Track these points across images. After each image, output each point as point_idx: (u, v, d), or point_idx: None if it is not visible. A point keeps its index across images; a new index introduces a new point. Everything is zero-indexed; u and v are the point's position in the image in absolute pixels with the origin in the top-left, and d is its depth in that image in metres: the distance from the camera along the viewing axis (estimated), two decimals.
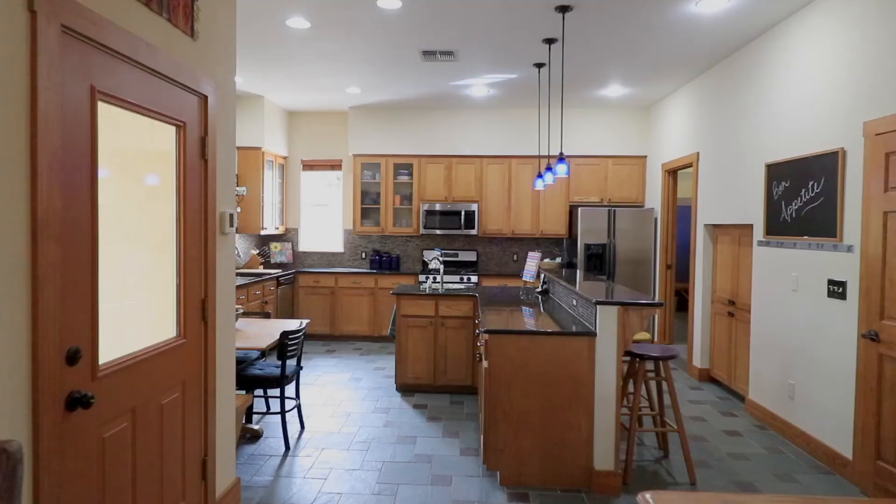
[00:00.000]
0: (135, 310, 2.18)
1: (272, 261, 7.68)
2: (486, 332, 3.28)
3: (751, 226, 4.68)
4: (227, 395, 2.89)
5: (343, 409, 4.61)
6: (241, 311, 4.08)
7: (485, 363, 3.33)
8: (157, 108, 2.21)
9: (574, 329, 3.32)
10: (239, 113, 6.89)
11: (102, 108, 1.90)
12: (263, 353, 4.45)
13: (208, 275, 2.63)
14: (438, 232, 7.27)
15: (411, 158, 7.41)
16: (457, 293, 5.03)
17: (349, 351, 6.76)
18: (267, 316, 4.54)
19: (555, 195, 7.29)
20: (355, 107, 7.41)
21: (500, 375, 3.27)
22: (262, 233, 7.01)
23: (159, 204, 2.33)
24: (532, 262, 4.98)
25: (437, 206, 7.25)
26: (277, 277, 6.68)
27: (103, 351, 1.92)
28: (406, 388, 5.13)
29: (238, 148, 6.91)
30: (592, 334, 3.22)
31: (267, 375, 3.81)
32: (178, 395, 2.42)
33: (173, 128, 2.38)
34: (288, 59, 5.35)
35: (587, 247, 6.82)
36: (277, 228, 7.54)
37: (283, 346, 3.72)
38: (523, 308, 4.24)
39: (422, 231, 7.29)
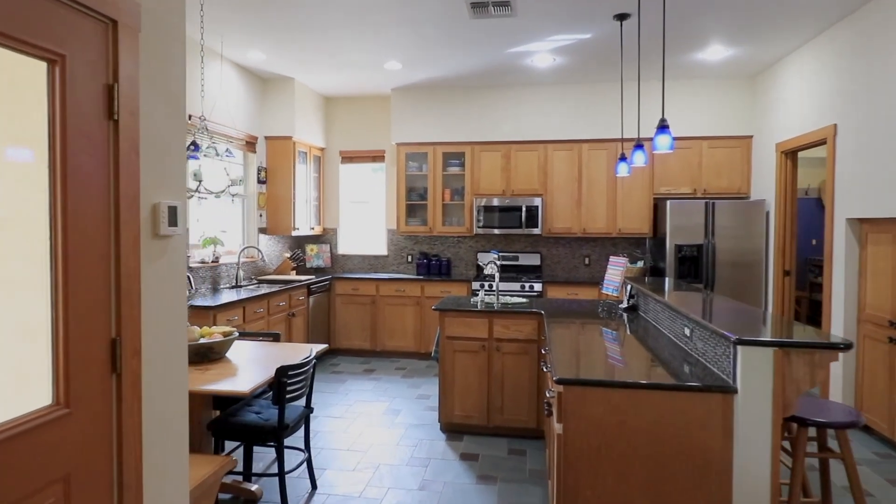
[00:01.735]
0: None
1: (308, 265, 6.84)
2: (560, 381, 2.19)
3: None
4: (174, 478, 1.94)
5: (371, 459, 3.62)
6: (237, 334, 3.17)
7: (557, 426, 2.24)
8: None
9: (690, 376, 2.17)
10: (266, 98, 6.07)
11: None
12: (272, 386, 3.53)
13: (124, 300, 1.69)
14: (495, 231, 6.19)
15: (463, 146, 6.36)
16: (516, 309, 3.94)
17: (390, 371, 5.79)
18: (275, 338, 3.62)
19: (635, 186, 6.05)
20: (398, 88, 6.44)
21: (583, 447, 2.17)
22: (295, 234, 6.17)
23: (22, 187, 1.40)
24: (615, 270, 3.82)
25: (494, 202, 6.17)
26: (308, 285, 5.80)
27: None
28: (452, 429, 4.08)
29: (266, 138, 6.10)
30: (729, 390, 2.06)
31: (261, 425, 2.87)
32: (55, 502, 1.48)
33: (43, 64, 1.45)
34: (312, 28, 4.42)
35: (678, 248, 5.54)
36: (313, 229, 6.69)
37: (281, 387, 2.76)
38: (605, 333, 3.11)
39: (476, 230, 6.23)
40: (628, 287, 3.89)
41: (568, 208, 6.17)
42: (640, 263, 5.89)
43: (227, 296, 4.57)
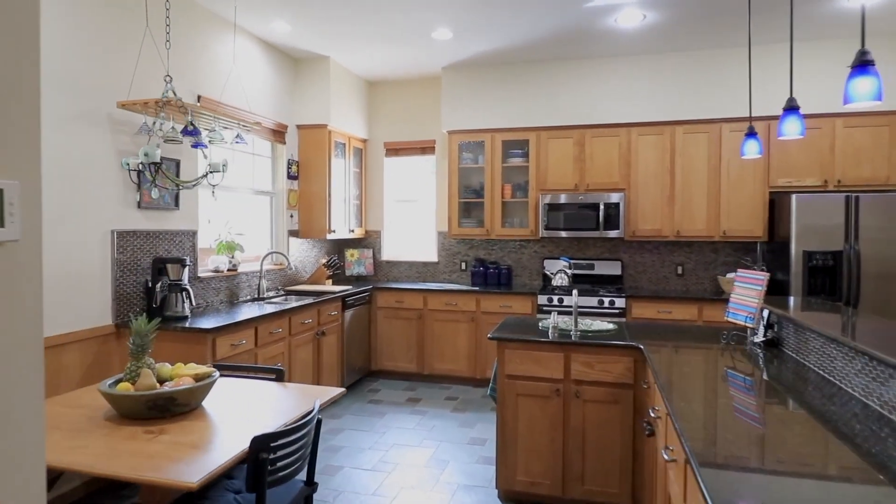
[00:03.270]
0: None
1: (347, 273, 6.01)
2: None
3: None
4: None
5: None
6: (216, 376, 2.31)
7: None
8: None
9: None
10: (298, 81, 5.27)
11: None
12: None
13: None
14: (564, 234, 5.13)
15: (526, 133, 5.34)
16: (602, 340, 2.89)
17: (439, 402, 4.83)
18: (278, 376, 2.74)
19: (745, 177, 4.83)
20: (449, 66, 5.50)
21: None
22: (330, 237, 5.34)
23: None
24: (750, 288, 2.70)
25: (564, 198, 5.11)
26: (343, 297, 4.94)
27: None
28: (514, 498, 3.07)
29: (298, 127, 5.30)
30: None
31: None
32: None
33: None
34: None
35: (808, 256, 4.29)
36: (353, 231, 5.85)
37: (259, 467, 1.85)
38: (743, 387, 2.02)
39: (542, 233, 5.19)
40: (765, 313, 2.76)
41: (657, 206, 5.02)
42: None
43: (241, 312, 3.76)
